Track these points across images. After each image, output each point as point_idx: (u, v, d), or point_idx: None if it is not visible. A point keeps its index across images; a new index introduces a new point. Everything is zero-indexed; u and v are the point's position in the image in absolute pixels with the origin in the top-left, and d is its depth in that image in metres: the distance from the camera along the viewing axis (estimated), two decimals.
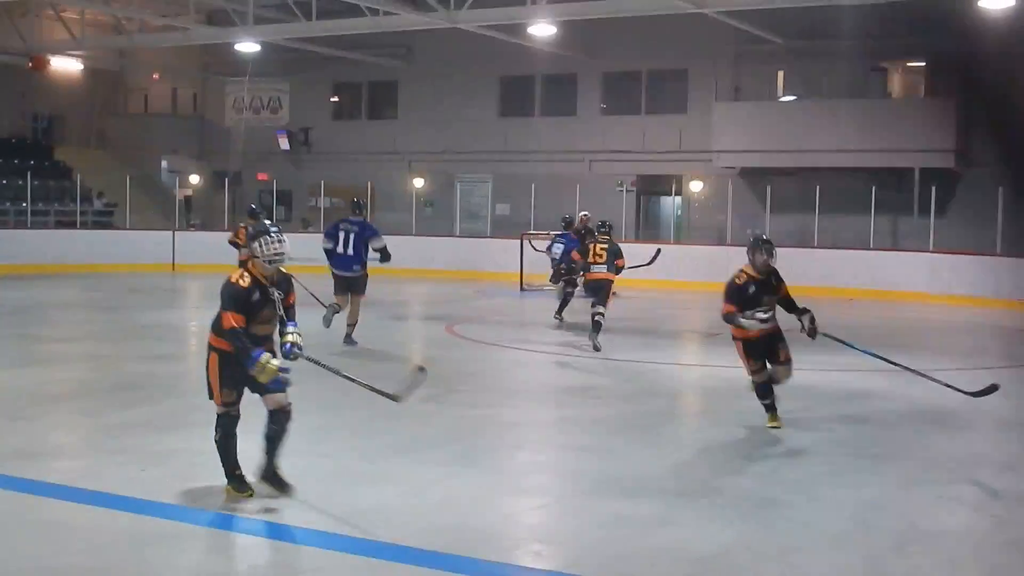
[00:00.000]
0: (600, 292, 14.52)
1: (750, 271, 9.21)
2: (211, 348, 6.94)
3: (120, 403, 10.29)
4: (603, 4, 23.65)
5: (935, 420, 10.07)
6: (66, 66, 35.24)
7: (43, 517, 6.52)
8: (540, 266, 23.71)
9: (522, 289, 24.00)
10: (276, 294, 6.85)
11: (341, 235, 14.41)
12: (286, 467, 7.87)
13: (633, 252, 25.67)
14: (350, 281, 14.45)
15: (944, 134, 26.02)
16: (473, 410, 10.23)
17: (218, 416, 7.07)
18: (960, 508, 7.27)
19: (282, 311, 6.89)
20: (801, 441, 9.13)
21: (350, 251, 14.30)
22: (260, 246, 6.80)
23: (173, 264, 28.19)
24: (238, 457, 7.01)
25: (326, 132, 35.13)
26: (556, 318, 17.31)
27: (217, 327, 6.82)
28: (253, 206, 20.05)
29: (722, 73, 29.01)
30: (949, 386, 9.48)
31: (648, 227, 31.33)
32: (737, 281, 9.19)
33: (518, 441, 9.16)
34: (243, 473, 6.97)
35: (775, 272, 9.30)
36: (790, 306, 9.27)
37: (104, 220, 31.89)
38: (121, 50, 35.74)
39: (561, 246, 18.63)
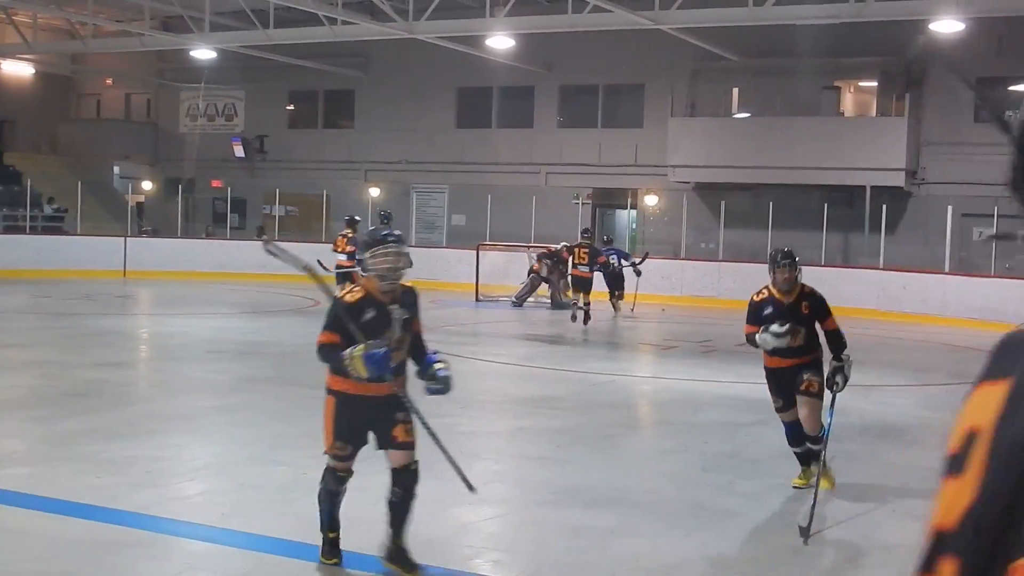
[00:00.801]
0: (585, 286, 19.04)
1: (771, 289, 7.96)
2: (328, 390, 5.87)
3: (72, 410, 10.17)
4: (561, 18, 23.76)
5: (886, 433, 10.19)
6: (17, 70, 34.89)
7: None
8: (496, 277, 23.74)
9: (477, 300, 24.01)
10: (398, 312, 5.64)
11: None
12: (243, 476, 7.83)
13: None
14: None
15: (895, 153, 26.36)
16: (430, 420, 10.20)
17: (325, 468, 6.01)
18: (913, 521, 7.35)
19: (403, 332, 5.66)
20: (756, 453, 9.20)
21: None
22: (373, 258, 5.63)
23: (124, 270, 27.91)
24: (339, 519, 6.00)
25: (282, 140, 34.97)
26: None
27: (334, 365, 5.65)
28: (355, 217, 20.00)
29: (678, 89, 29.19)
30: None
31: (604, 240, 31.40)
32: (755, 297, 8.04)
33: (476, 450, 9.14)
34: (339, 538, 5.97)
35: (812, 296, 7.92)
36: (832, 345, 7.76)
37: (54, 225, 31.54)
38: (74, 55, 35.48)
39: (615, 254, 22.59)
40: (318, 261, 16.19)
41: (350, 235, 18.81)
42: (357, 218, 19.88)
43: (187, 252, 28.90)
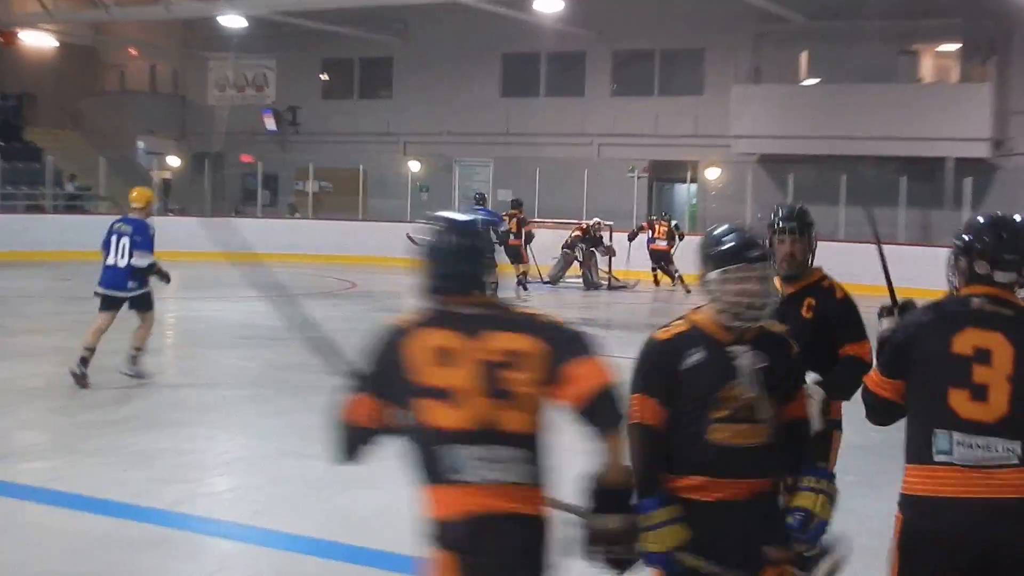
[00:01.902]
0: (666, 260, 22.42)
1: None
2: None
3: (95, 400, 10.26)
4: None
5: None
6: (37, 41, 35.23)
7: (19, 520, 6.51)
8: (545, 257, 23.64)
9: (519, 283, 23.95)
10: (746, 358, 3.64)
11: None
12: (275, 470, 7.87)
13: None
14: None
15: (979, 122, 25.99)
16: None
17: None
18: None
19: (757, 390, 3.61)
20: None
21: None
22: (723, 282, 3.64)
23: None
24: None
25: (315, 112, 35.07)
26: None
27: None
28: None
29: (741, 53, 28.94)
30: None
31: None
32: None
33: None
34: None
35: (830, 296, 5.13)
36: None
37: (77, 204, 31.84)
38: (97, 24, 35.73)
39: None
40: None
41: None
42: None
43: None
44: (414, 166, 32.01)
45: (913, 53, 28.17)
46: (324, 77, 35.97)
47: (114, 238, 11.29)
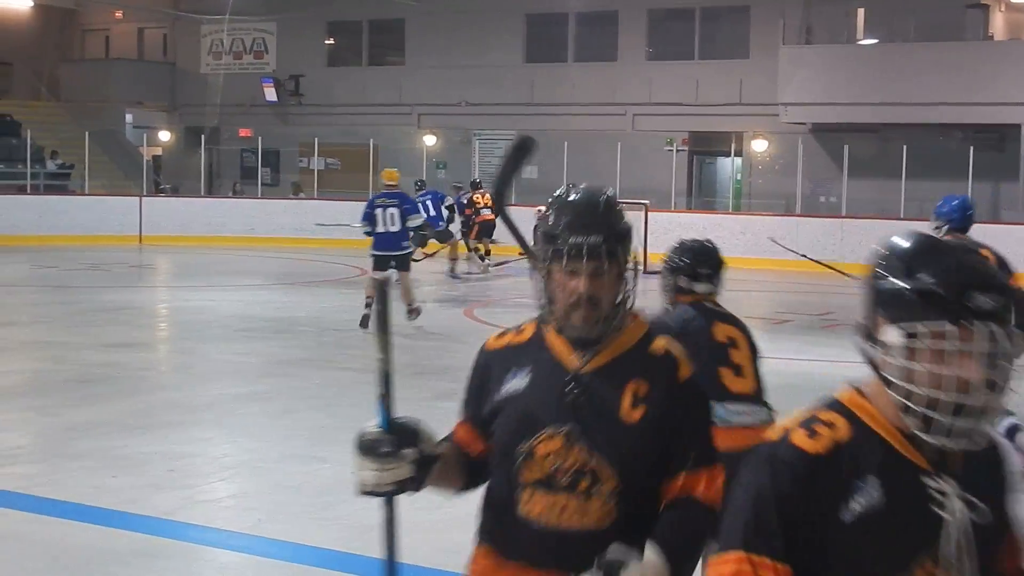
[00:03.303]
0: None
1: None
2: None
3: (80, 399, 10.34)
4: None
5: None
6: (13, 3, 35.36)
7: None
8: None
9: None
10: (965, 511, 2.15)
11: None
12: (279, 476, 7.93)
13: (685, 223, 25.73)
14: None
15: None
16: None
17: None
18: None
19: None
20: None
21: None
22: (907, 352, 2.09)
23: (140, 235, 28.29)
24: None
25: (320, 81, 35.13)
26: None
27: None
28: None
29: (790, 11, 28.84)
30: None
31: (702, 193, 31.27)
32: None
33: None
34: None
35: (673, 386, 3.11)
36: None
37: (59, 184, 32.01)
38: None
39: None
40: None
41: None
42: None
43: (212, 213, 29.18)
44: (429, 140, 32.04)
45: (983, 7, 28.01)
46: (329, 42, 36.02)
47: (379, 211, 14.70)
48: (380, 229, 14.73)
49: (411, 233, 15.27)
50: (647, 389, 2.73)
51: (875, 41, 28.88)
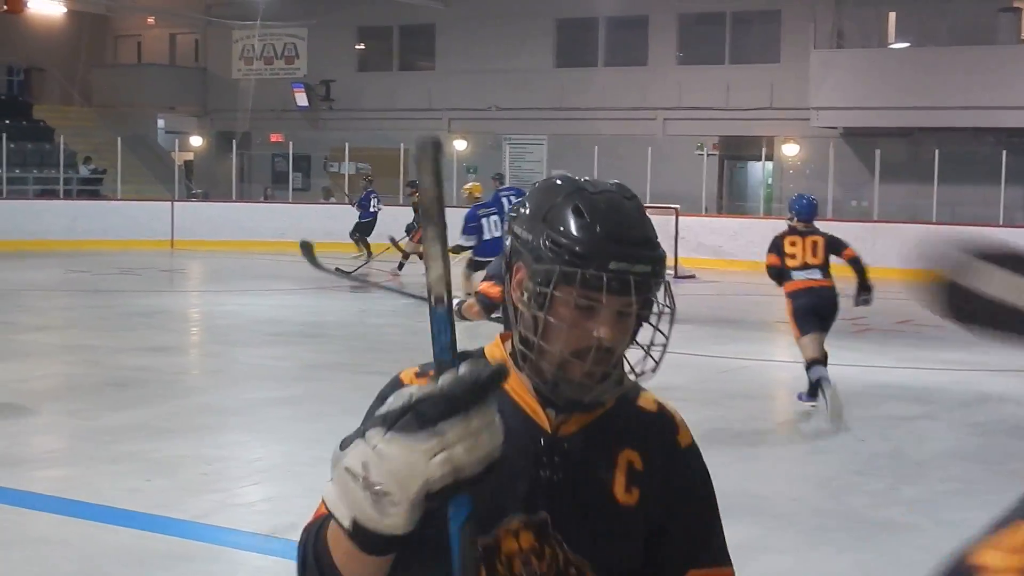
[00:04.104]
0: None
1: None
2: None
3: (113, 403, 10.38)
4: None
5: None
6: (46, 9, 35.55)
7: (31, 533, 6.60)
8: None
9: None
10: None
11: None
12: (312, 479, 7.93)
13: (716, 228, 25.65)
14: None
15: None
16: None
17: None
18: None
19: None
20: (922, 453, 9.05)
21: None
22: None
23: (171, 240, 28.42)
24: None
25: (350, 86, 35.22)
26: None
27: None
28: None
29: (822, 15, 28.74)
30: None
31: (733, 198, 31.18)
32: None
33: None
34: None
35: None
36: None
37: (91, 189, 32.22)
38: None
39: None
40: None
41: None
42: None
43: (243, 218, 29.29)
44: (460, 144, 32.06)
45: (1015, 10, 27.83)
46: (360, 47, 36.11)
47: (483, 221, 15.56)
48: (487, 237, 15.39)
49: None
50: (642, 462, 2.00)
51: (907, 45, 28.75)
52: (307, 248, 9.54)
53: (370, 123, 33.82)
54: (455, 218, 22.07)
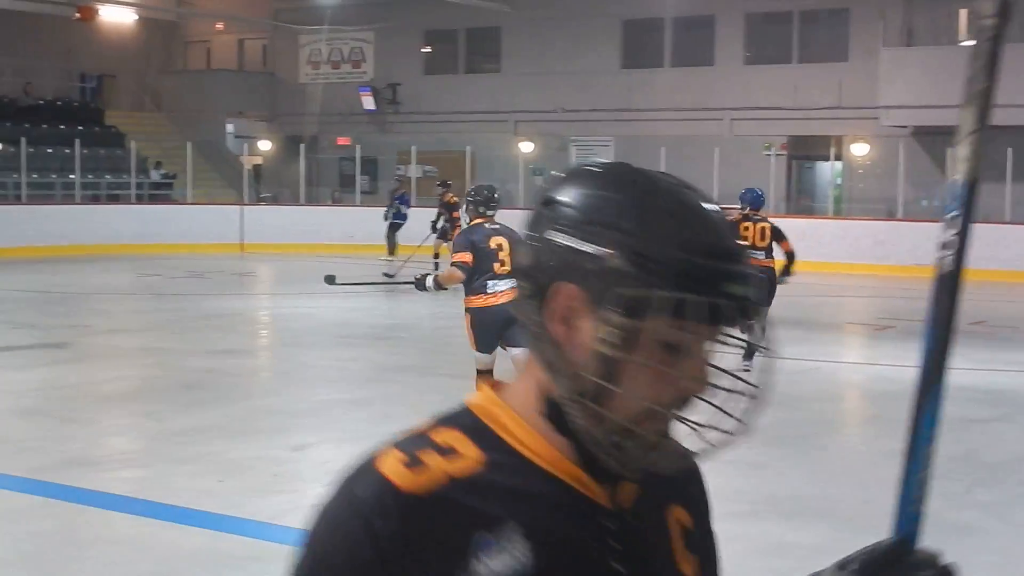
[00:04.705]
0: None
1: None
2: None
3: (186, 404, 10.50)
4: None
5: None
6: (117, 17, 36.04)
7: (108, 533, 6.69)
8: None
9: None
10: None
11: None
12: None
13: (784, 228, 25.47)
14: None
15: None
16: None
17: None
18: None
19: None
20: (997, 455, 8.95)
21: None
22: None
23: (241, 243, 28.66)
24: None
25: (417, 89, 35.34)
26: None
27: None
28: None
29: (891, 12, 28.48)
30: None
31: (801, 198, 30.97)
32: None
33: None
34: None
35: None
36: None
37: (162, 193, 32.58)
38: None
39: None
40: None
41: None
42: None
43: (311, 221, 29.50)
44: (526, 147, 32.08)
45: None
46: (426, 50, 36.22)
47: None
48: None
49: None
50: (691, 518, 1.58)
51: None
52: (331, 280, 12.69)
53: (436, 126, 33.93)
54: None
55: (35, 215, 27.07)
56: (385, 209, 24.68)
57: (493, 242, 8.80)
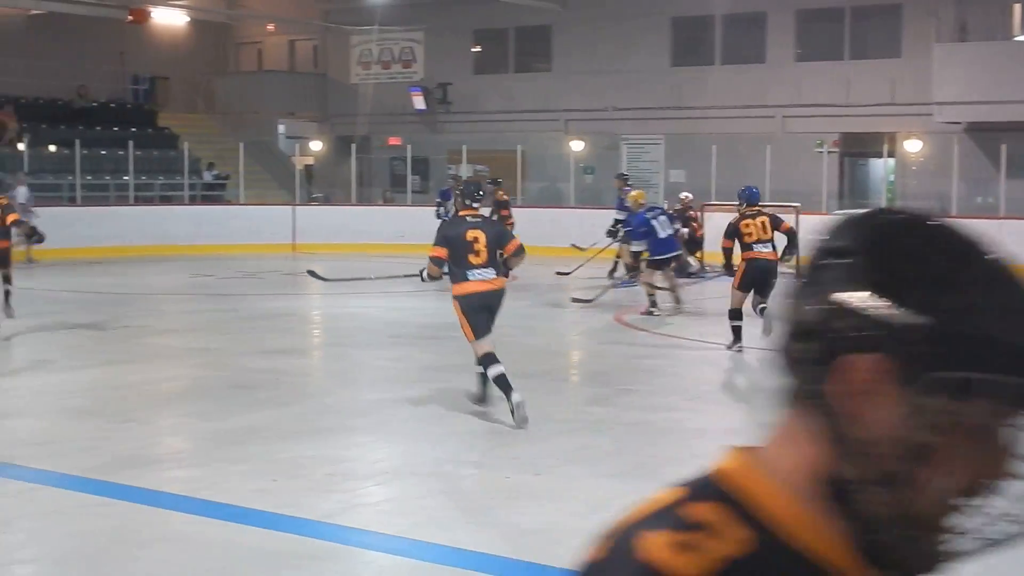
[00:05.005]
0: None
1: None
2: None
3: (239, 404, 10.57)
4: None
5: None
6: (169, 19, 36.34)
7: (165, 532, 6.76)
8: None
9: (704, 271, 23.82)
10: None
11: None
12: (435, 480, 8.01)
13: None
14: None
15: None
16: (652, 414, 10.23)
17: None
18: None
19: None
20: None
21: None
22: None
23: (293, 243, 28.82)
24: None
25: (467, 88, 35.39)
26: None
27: None
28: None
29: (944, 8, 28.23)
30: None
31: (854, 196, 30.74)
32: None
33: (707, 451, 9.08)
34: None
35: None
36: None
37: (215, 194, 32.81)
38: None
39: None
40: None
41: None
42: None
43: (363, 221, 29.61)
44: (576, 145, 32.05)
45: None
46: (477, 49, 36.26)
47: (654, 222, 17.16)
48: (661, 235, 17.11)
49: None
50: None
51: None
52: (313, 274, 14.70)
53: (487, 125, 33.96)
54: (603, 219, 21.84)
55: (89, 216, 27.32)
56: (437, 208, 24.82)
57: (470, 235, 9.65)
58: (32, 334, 15.08)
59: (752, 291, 13.64)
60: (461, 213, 10.07)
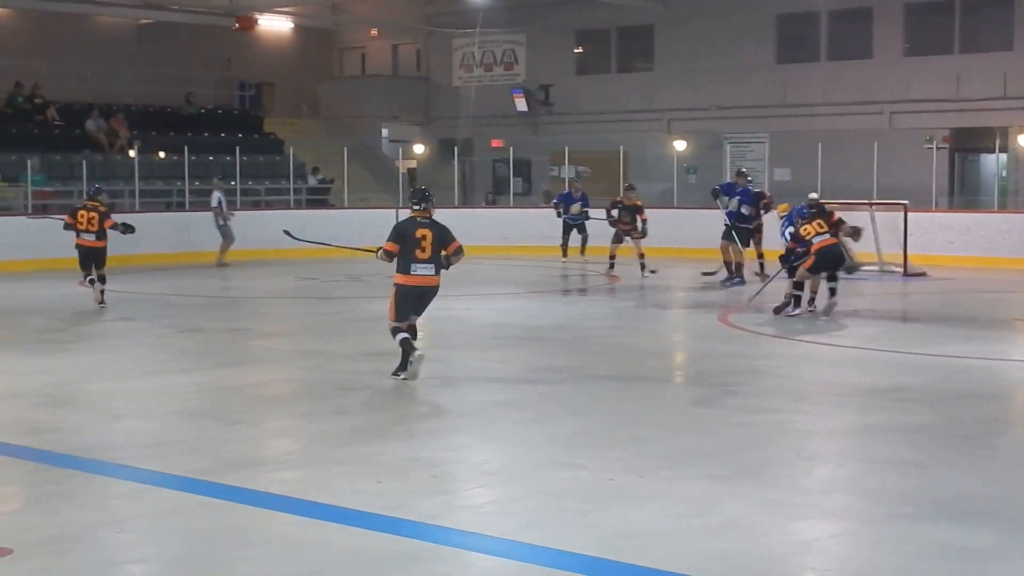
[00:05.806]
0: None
1: None
2: None
3: (344, 406, 10.66)
4: None
5: None
6: (274, 26, 36.85)
7: (270, 531, 6.83)
8: None
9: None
10: None
11: None
12: (539, 482, 8.01)
13: (946, 223, 24.89)
14: None
15: None
16: (758, 415, 10.13)
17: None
18: None
19: None
20: None
21: None
22: None
23: None
24: None
25: (569, 89, 35.40)
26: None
27: None
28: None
29: None
30: None
31: (965, 192, 30.27)
32: None
33: (814, 453, 8.99)
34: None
35: None
36: None
37: (319, 198, 33.16)
38: (335, 4, 37.13)
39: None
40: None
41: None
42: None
43: (466, 223, 29.60)
44: (679, 145, 31.88)
45: None
46: (578, 50, 36.28)
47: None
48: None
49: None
50: None
51: None
52: (288, 233, 15.65)
53: (589, 126, 33.96)
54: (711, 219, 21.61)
55: (197, 222, 27.72)
56: (556, 209, 25.73)
57: (419, 233, 11.38)
58: (144, 337, 15.38)
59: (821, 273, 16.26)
60: (412, 214, 11.71)
